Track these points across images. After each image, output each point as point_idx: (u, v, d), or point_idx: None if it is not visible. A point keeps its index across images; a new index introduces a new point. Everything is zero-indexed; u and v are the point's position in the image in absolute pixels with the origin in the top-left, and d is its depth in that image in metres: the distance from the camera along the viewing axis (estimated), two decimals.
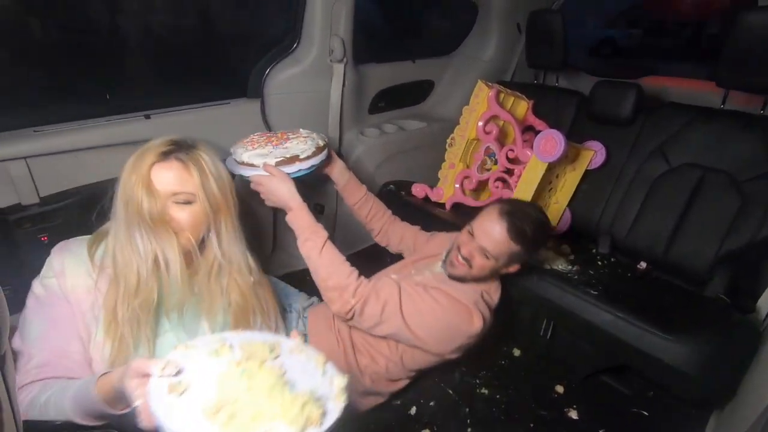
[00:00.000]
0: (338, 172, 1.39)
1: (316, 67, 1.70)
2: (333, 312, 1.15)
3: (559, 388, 1.48)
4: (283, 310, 1.22)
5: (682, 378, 1.16)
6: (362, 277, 1.14)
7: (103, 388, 0.72)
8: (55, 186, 1.31)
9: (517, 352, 1.61)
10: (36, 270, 1.33)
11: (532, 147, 1.57)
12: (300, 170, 1.21)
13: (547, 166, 1.55)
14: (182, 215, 0.88)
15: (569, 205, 1.78)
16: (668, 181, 1.62)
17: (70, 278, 0.88)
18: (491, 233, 1.14)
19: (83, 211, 1.35)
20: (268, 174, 1.17)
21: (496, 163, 1.73)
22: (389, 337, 1.17)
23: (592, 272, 1.51)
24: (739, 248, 1.44)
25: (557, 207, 1.78)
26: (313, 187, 1.84)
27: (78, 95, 1.48)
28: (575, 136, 1.79)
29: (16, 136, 1.25)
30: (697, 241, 1.52)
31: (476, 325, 1.14)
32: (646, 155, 1.69)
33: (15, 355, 0.84)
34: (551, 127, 1.68)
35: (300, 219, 1.15)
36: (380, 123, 2.08)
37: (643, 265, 1.59)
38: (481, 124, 1.69)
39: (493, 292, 1.25)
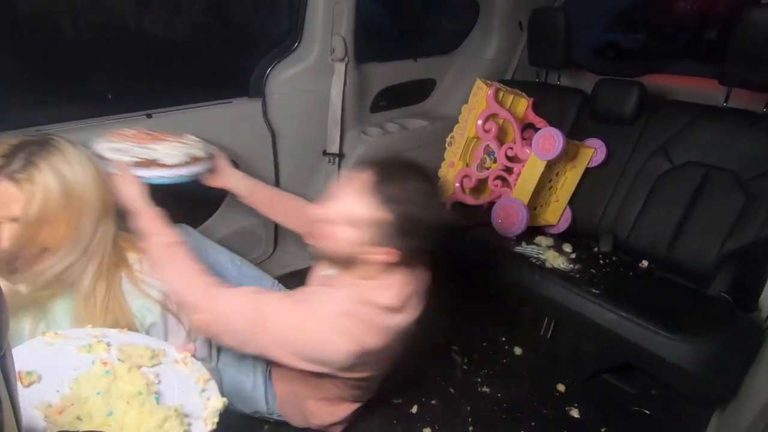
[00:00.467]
0: (235, 182, 1.24)
1: (317, 67, 1.70)
2: (200, 331, 1.00)
3: (561, 387, 1.48)
4: None
5: (684, 376, 1.16)
6: (221, 285, 0.95)
7: None
8: None
9: (518, 351, 1.61)
10: None
11: (531, 145, 1.56)
12: (163, 177, 1.08)
13: (546, 164, 1.55)
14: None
15: (570, 203, 1.78)
16: (671, 180, 1.61)
17: None
18: (345, 191, 0.91)
19: None
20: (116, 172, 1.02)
21: (495, 161, 1.73)
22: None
23: (594, 271, 1.50)
24: (743, 247, 1.44)
25: (558, 205, 1.78)
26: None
27: (79, 94, 1.48)
28: (577, 135, 1.78)
29: (17, 135, 1.26)
30: (700, 240, 1.51)
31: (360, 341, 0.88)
32: (649, 153, 1.68)
33: None
34: (552, 125, 1.68)
35: (149, 222, 0.99)
36: (382, 122, 2.07)
37: (645, 263, 1.59)
38: (480, 122, 1.69)
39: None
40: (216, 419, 0.63)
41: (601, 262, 1.58)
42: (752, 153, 1.48)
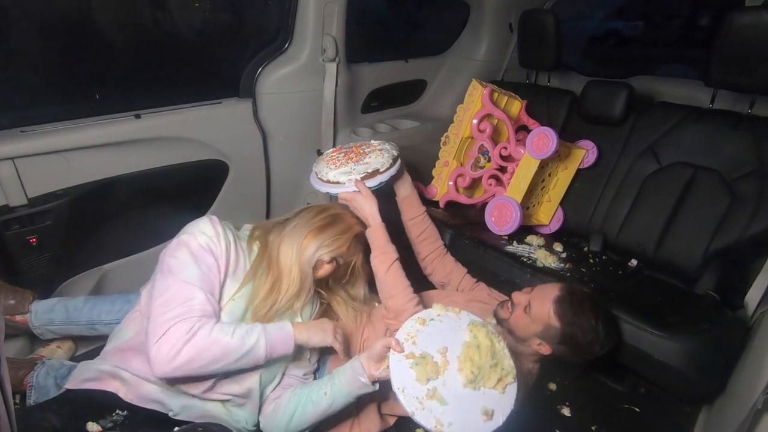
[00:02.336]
0: (402, 183, 1.45)
1: (308, 67, 1.70)
2: (386, 324, 1.23)
3: (552, 386, 1.49)
4: None
5: (672, 374, 1.18)
6: (420, 307, 1.20)
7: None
8: (43, 187, 1.29)
9: None
10: (26, 271, 1.32)
11: (525, 145, 1.57)
12: (381, 182, 1.32)
13: (539, 164, 1.56)
14: None
15: (562, 203, 1.80)
16: (659, 180, 1.64)
17: (224, 242, 1.03)
18: (542, 293, 1.16)
19: (73, 212, 1.34)
20: (355, 190, 1.28)
21: (489, 160, 1.74)
22: None
23: (584, 270, 1.52)
24: (728, 246, 1.46)
25: (550, 205, 1.79)
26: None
27: (66, 95, 1.46)
28: (567, 136, 1.80)
29: (2, 136, 1.23)
30: (688, 239, 1.54)
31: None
32: (637, 154, 1.70)
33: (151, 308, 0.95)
34: (543, 126, 1.69)
35: (376, 237, 1.24)
36: (373, 122, 2.07)
37: (634, 262, 1.61)
38: (475, 122, 1.70)
39: (533, 376, 1.23)
40: None
41: (591, 261, 1.59)
42: (737, 154, 1.51)
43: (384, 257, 1.22)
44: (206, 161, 1.61)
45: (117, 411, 0.96)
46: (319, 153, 1.77)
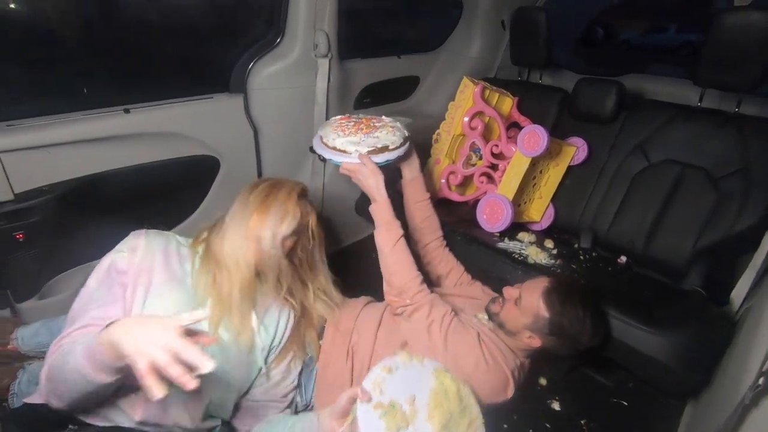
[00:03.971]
0: (409, 164, 1.40)
1: (300, 62, 1.69)
2: (388, 300, 1.22)
3: (543, 381, 1.51)
4: None
5: (659, 368, 1.20)
6: (425, 285, 1.19)
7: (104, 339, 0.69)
8: (30, 182, 1.27)
9: None
10: (12, 268, 1.30)
11: (516, 142, 1.58)
12: (388, 160, 1.26)
13: (530, 161, 1.57)
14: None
15: (553, 200, 1.81)
16: (648, 178, 1.66)
17: (141, 255, 0.96)
18: (532, 285, 1.17)
19: (60, 208, 1.32)
20: (360, 162, 1.22)
21: (481, 158, 1.74)
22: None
23: (574, 266, 1.54)
24: (715, 243, 1.49)
25: (541, 202, 1.81)
26: None
27: (54, 88, 1.43)
28: (558, 133, 1.81)
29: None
30: (676, 236, 1.56)
31: (507, 395, 1.12)
32: (627, 152, 1.72)
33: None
34: (535, 123, 1.70)
35: (381, 212, 1.21)
36: None
37: (623, 259, 1.63)
38: (466, 119, 1.70)
39: (524, 370, 1.23)
40: None
41: (582, 258, 1.61)
42: (723, 152, 1.54)
43: (389, 234, 1.20)
44: (197, 157, 1.59)
45: (69, 426, 0.88)
46: (312, 150, 1.76)
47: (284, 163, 1.81)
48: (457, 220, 1.67)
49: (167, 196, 1.59)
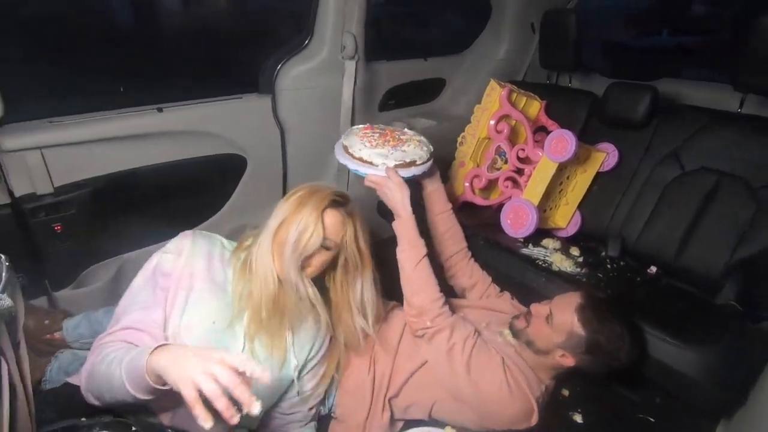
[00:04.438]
0: (431, 176, 1.36)
1: (327, 64, 1.71)
2: (407, 321, 1.18)
3: (565, 392, 1.47)
4: None
5: (690, 385, 1.15)
6: (446, 306, 1.15)
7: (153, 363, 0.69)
8: (68, 176, 1.33)
9: None
10: (50, 258, 1.36)
11: (543, 147, 1.56)
12: (414, 175, 1.22)
13: (557, 167, 1.54)
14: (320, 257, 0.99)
15: (579, 207, 1.77)
16: (681, 186, 1.60)
17: (185, 259, 0.95)
18: (563, 301, 1.12)
19: (96, 201, 1.37)
20: (386, 176, 1.17)
21: (506, 162, 1.72)
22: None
23: (600, 275, 1.49)
24: (752, 256, 1.42)
25: (567, 208, 1.77)
26: None
27: (92, 88, 1.50)
28: (587, 138, 1.77)
29: (32, 126, 1.27)
30: (709, 247, 1.49)
31: (530, 423, 1.09)
32: (660, 158, 1.66)
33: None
34: (563, 128, 1.67)
35: (405, 228, 1.16)
36: (390, 121, 2.07)
37: (653, 269, 1.57)
38: (492, 122, 1.68)
39: (549, 393, 1.19)
40: None
41: (609, 266, 1.56)
42: (764, 161, 1.46)
43: (413, 251, 1.16)
44: (225, 155, 1.63)
45: (103, 414, 0.88)
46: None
47: (309, 163, 1.83)
48: (480, 224, 1.65)
49: (196, 192, 1.64)
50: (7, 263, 0.42)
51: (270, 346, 0.97)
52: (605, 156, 1.72)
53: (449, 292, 1.37)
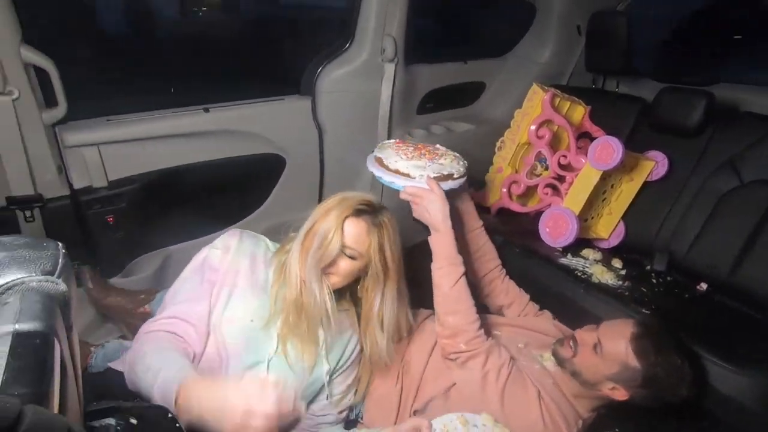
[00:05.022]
0: (462, 192, 1.30)
1: (367, 67, 1.72)
2: (439, 342, 1.12)
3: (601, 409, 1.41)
4: None
5: (740, 411, 1.08)
6: (483, 330, 1.09)
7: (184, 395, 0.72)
8: (121, 171, 1.42)
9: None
10: (102, 247, 1.45)
11: (586, 154, 1.50)
12: (450, 188, 1.17)
13: (601, 175, 1.48)
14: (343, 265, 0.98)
15: (624, 217, 1.69)
16: (738, 198, 1.49)
17: (231, 256, 0.99)
18: (613, 329, 1.04)
19: (145, 196, 1.45)
20: (426, 187, 1.10)
21: (546, 168, 1.67)
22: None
23: (644, 290, 1.42)
24: None
25: (610, 218, 1.69)
26: None
27: (146, 88, 1.58)
28: (635, 145, 1.69)
29: (91, 124, 1.37)
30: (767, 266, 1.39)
31: None
32: (715, 168, 1.56)
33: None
34: (608, 134, 1.60)
35: (443, 245, 1.10)
36: (428, 124, 2.06)
37: (703, 286, 1.48)
38: (533, 127, 1.64)
39: (586, 426, 1.10)
40: None
41: (654, 281, 1.49)
42: None
43: (451, 269, 1.09)
44: (265, 155, 1.68)
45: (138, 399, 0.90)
46: None
47: (347, 165, 1.85)
48: (515, 231, 1.61)
49: (236, 189, 1.70)
50: (63, 250, 0.45)
51: (301, 349, 0.98)
52: (654, 165, 1.63)
53: (483, 308, 1.30)
